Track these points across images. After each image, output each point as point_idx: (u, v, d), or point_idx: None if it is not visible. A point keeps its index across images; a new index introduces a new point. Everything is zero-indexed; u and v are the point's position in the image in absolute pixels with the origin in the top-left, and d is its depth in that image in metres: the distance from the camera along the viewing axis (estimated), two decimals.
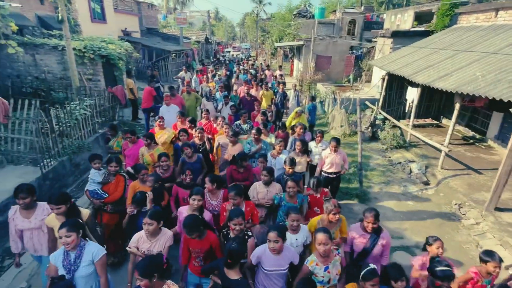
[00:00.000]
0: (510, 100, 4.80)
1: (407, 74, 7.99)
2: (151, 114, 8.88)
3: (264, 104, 8.88)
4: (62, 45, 8.92)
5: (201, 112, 7.24)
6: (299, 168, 5.00)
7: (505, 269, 4.42)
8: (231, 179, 4.48)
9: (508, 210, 5.51)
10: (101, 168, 4.19)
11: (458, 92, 6.03)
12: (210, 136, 5.72)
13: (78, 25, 13.56)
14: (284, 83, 10.11)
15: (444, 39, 9.43)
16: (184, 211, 3.46)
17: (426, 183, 6.84)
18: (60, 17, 7.07)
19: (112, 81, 10.40)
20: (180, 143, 5.21)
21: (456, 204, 5.93)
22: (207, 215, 3.45)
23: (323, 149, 5.43)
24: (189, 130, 5.69)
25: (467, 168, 7.13)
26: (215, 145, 5.53)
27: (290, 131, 6.30)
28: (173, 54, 19.72)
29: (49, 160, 5.83)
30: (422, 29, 11.86)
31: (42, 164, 5.57)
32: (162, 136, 5.60)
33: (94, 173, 4.18)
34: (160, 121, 5.72)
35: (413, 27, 12.89)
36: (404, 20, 13.55)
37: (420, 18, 13.31)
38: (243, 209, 3.44)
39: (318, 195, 3.94)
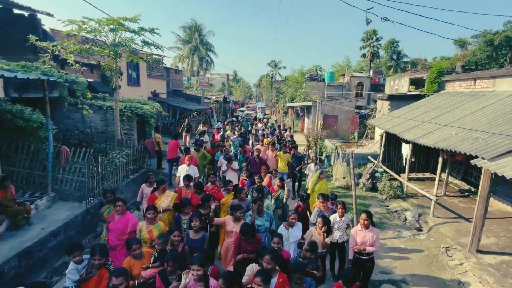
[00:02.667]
0: (472, 154, 5.87)
1: (398, 132, 9.25)
2: (174, 164, 10.33)
3: (280, 165, 8.97)
4: (106, 105, 10.95)
5: (214, 171, 7.58)
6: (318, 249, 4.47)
7: None
8: (238, 249, 4.30)
9: (490, 253, 6.15)
10: (83, 259, 3.70)
11: (436, 147, 7.15)
12: (217, 204, 5.41)
13: (116, 89, 16.15)
14: (295, 147, 10.16)
15: (432, 102, 10.84)
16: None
17: (419, 229, 7.56)
18: (113, 86, 9.09)
19: (142, 135, 12.20)
20: (183, 217, 4.99)
21: (443, 247, 6.60)
22: (213, 283, 3.33)
23: (347, 224, 5.13)
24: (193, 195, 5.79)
25: (458, 217, 7.84)
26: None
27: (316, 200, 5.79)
28: (195, 112, 22.13)
29: (92, 198, 7.14)
30: (416, 93, 13.44)
31: (87, 200, 6.88)
32: (165, 200, 5.50)
33: (72, 270, 3.60)
34: (165, 185, 5.82)
35: (410, 91, 14.55)
36: (401, 85, 15.33)
37: (416, 83, 15.05)
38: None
39: None
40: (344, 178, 10.72)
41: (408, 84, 14.44)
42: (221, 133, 13.16)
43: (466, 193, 9.63)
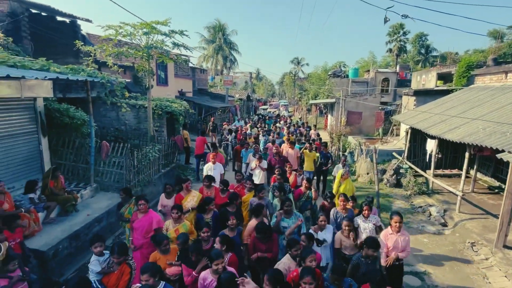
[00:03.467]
0: (498, 148, 5.83)
1: (423, 127, 9.17)
2: (201, 159, 10.86)
3: (306, 164, 8.81)
4: (139, 104, 11.69)
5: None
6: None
7: None
8: (253, 249, 4.22)
9: None
10: (104, 252, 3.81)
11: (462, 142, 7.10)
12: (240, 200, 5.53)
13: (147, 88, 17.04)
14: (325, 145, 10.08)
15: (460, 97, 10.59)
16: (208, 276, 3.37)
17: (444, 225, 7.53)
18: (146, 86, 9.75)
19: (171, 132, 12.88)
20: (206, 216, 4.97)
21: (469, 242, 6.58)
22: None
23: (374, 224, 4.78)
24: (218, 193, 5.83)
25: (486, 213, 7.72)
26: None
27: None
28: (219, 110, 22.76)
29: None
30: (444, 88, 13.10)
31: None
32: (191, 201, 5.43)
33: (94, 261, 3.69)
34: (188, 183, 5.63)
35: (437, 86, 14.18)
36: (428, 80, 14.96)
37: (444, 78, 14.63)
38: None
39: None
40: (367, 174, 10.75)
41: (435, 79, 14.08)
42: (248, 130, 13.61)
43: (496, 190, 9.36)
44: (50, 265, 5.17)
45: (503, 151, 5.77)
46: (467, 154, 7.65)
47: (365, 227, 4.76)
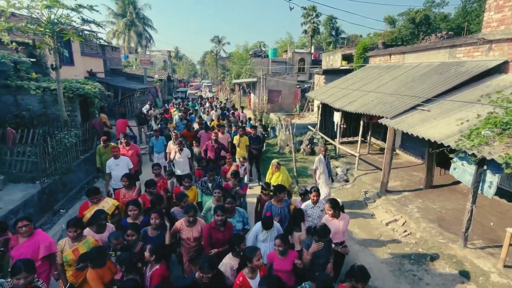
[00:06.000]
0: (380, 115, 7.55)
1: (330, 101, 10.84)
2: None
3: (239, 151, 8.39)
4: (43, 86, 10.62)
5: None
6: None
7: (385, 225, 6.82)
8: (209, 239, 3.98)
9: (395, 192, 8.07)
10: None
11: (357, 112, 8.81)
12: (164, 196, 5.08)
13: (48, 68, 15.23)
14: (255, 127, 9.39)
15: (358, 75, 12.69)
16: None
17: (346, 181, 9.35)
18: (54, 65, 8.95)
19: (86, 117, 12.10)
20: (129, 219, 4.28)
21: (363, 191, 8.42)
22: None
23: (321, 210, 4.71)
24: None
25: (376, 168, 9.81)
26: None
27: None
28: (138, 92, 21.71)
29: (45, 178, 7.39)
30: (347, 67, 15.33)
31: (41, 180, 7.14)
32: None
33: None
34: (92, 199, 4.47)
35: (342, 66, 16.45)
36: (335, 60, 17.18)
37: (348, 58, 17.00)
38: None
39: None
40: (287, 145, 12.19)
41: (340, 59, 16.29)
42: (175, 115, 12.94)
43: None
44: None
45: (383, 117, 7.50)
46: (361, 122, 9.51)
47: (312, 214, 4.76)
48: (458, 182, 8.00)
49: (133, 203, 4.32)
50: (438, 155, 7.08)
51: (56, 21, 8.30)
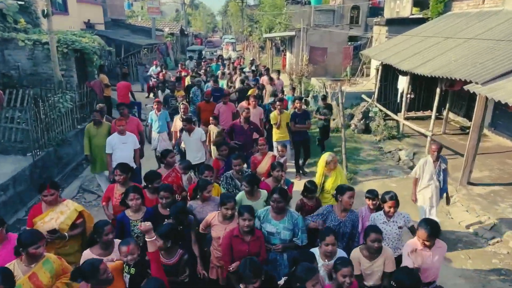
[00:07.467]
0: (466, 80, 7.02)
1: (393, 62, 10.30)
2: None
3: (279, 134, 7.76)
4: (33, 39, 10.96)
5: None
6: None
7: (466, 228, 6.53)
8: (229, 253, 3.66)
9: (481, 184, 7.64)
10: None
11: (432, 76, 8.27)
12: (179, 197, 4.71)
13: (38, 17, 15.68)
14: (301, 98, 8.85)
15: (436, 26, 11.88)
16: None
17: (412, 168, 8.97)
18: (45, 11, 9.16)
19: (83, 77, 12.44)
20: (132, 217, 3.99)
21: None
22: None
23: (399, 227, 4.14)
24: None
25: (455, 153, 9.31)
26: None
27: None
28: (145, 49, 21.99)
29: (37, 150, 7.73)
30: (419, 16, 14.37)
31: (33, 152, 7.48)
32: (52, 219, 3.79)
33: None
34: (45, 195, 3.78)
35: (413, 14, 15.46)
36: (403, 6, 16.17)
37: (420, 4, 15.92)
38: None
39: None
40: (334, 120, 11.86)
41: (410, 5, 15.30)
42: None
43: (467, 131, 11.08)
44: None
45: (470, 82, 6.97)
46: (438, 90, 8.95)
47: (386, 230, 4.03)
48: None
49: (165, 188, 4.12)
50: None
51: None
